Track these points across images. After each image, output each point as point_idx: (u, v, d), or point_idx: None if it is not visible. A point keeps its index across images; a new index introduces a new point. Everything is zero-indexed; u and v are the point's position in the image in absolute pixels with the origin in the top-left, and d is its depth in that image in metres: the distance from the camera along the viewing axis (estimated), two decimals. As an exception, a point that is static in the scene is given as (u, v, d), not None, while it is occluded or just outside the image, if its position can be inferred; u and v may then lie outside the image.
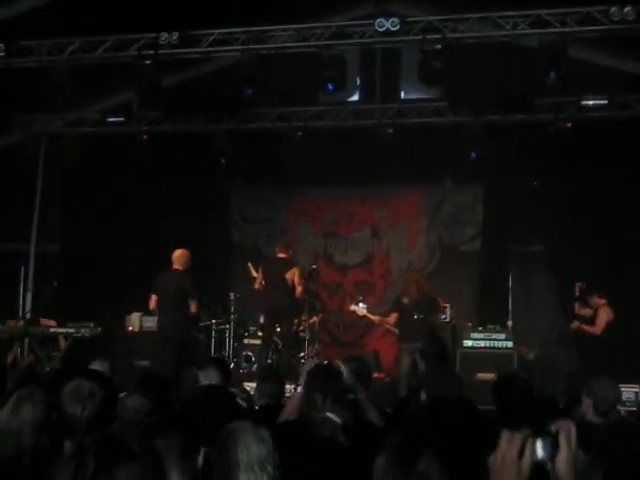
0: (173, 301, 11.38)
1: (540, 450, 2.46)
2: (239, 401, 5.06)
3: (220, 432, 3.27)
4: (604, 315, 12.32)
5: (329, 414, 4.20)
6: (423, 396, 5.43)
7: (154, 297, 11.55)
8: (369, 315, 13.24)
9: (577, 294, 12.99)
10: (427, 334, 11.12)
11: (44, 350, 12.10)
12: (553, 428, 2.47)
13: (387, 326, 13.10)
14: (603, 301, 12.42)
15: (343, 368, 5.05)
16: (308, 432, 3.98)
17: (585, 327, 12.39)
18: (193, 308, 11.43)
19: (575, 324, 12.56)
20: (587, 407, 5.51)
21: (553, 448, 2.45)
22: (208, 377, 6.32)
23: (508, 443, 2.50)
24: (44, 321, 13.03)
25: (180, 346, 11.36)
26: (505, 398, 5.26)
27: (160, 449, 3.15)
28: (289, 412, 5.01)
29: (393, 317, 12.55)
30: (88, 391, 3.84)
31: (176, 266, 11.59)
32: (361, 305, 13.50)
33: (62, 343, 12.36)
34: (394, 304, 12.79)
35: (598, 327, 12.27)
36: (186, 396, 4.91)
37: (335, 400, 5.00)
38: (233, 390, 5.73)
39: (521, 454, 2.46)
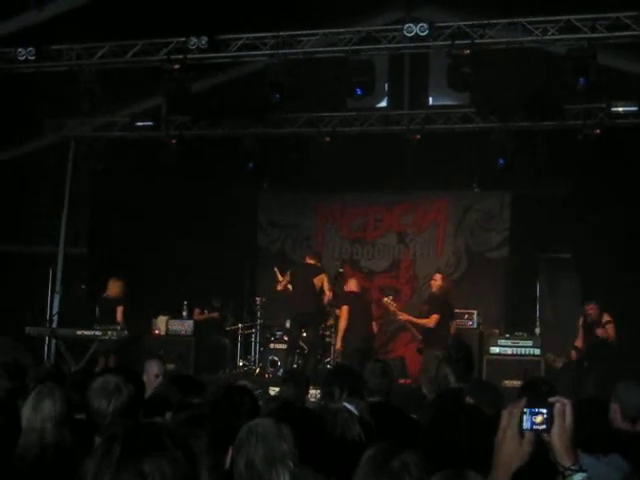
0: None
1: (530, 421, 2.48)
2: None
3: (241, 428, 3.26)
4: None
5: (345, 404, 4.19)
6: (470, 400, 5.38)
7: None
8: (398, 312, 12.99)
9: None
10: (453, 339, 11.02)
11: (70, 352, 12.13)
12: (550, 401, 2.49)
13: (419, 322, 12.63)
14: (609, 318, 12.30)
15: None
16: (322, 427, 3.91)
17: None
18: None
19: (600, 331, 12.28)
20: (615, 413, 5.40)
21: (547, 421, 2.47)
22: None
23: (508, 417, 2.51)
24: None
25: None
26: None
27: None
28: None
29: (434, 319, 12.17)
30: (114, 386, 3.89)
31: None
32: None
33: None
34: (437, 305, 12.45)
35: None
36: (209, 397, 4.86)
37: (352, 393, 5.12)
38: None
39: (521, 427, 2.48)
